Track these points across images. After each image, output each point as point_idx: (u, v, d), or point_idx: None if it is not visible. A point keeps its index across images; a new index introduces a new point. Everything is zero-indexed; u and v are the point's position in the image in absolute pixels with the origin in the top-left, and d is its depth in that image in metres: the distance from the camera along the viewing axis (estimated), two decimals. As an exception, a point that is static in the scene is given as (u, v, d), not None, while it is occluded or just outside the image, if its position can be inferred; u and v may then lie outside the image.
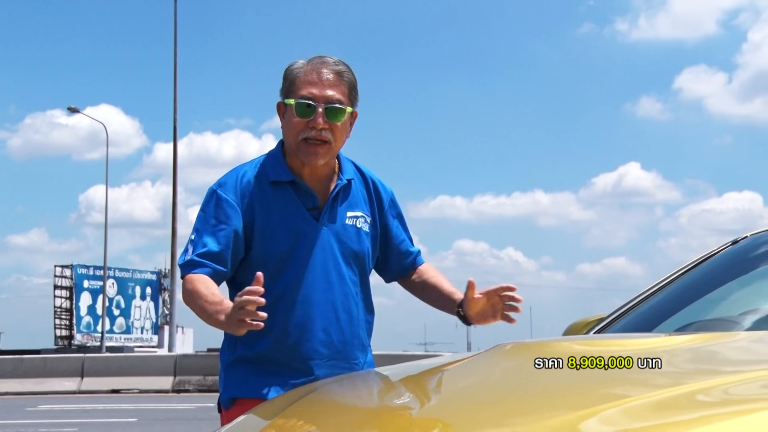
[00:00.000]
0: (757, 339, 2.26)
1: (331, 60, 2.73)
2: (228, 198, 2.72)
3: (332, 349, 2.74)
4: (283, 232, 2.72)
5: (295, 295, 2.72)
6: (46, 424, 12.52)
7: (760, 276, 2.93)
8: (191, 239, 2.74)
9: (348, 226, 2.79)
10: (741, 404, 1.53)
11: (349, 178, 2.83)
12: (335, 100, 2.67)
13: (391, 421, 1.94)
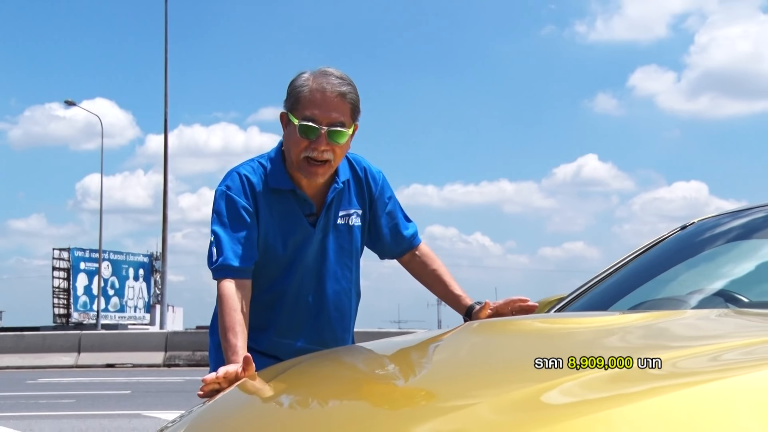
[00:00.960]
0: (702, 317, 2.27)
1: (335, 79, 2.59)
2: (240, 200, 2.61)
3: (324, 343, 2.74)
4: (282, 238, 2.67)
5: (290, 298, 2.70)
6: (45, 396, 12.45)
7: (705, 259, 2.95)
8: (214, 242, 2.60)
9: (341, 225, 2.74)
10: (689, 376, 1.54)
11: (344, 181, 2.74)
12: (338, 123, 2.56)
13: (369, 391, 1.94)
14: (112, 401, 11.51)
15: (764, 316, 2.29)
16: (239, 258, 2.57)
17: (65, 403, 11.38)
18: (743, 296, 2.59)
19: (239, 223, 2.60)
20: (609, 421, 1.40)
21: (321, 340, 2.74)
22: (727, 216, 3.04)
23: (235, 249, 2.57)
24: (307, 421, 1.76)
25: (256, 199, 2.64)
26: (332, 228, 2.73)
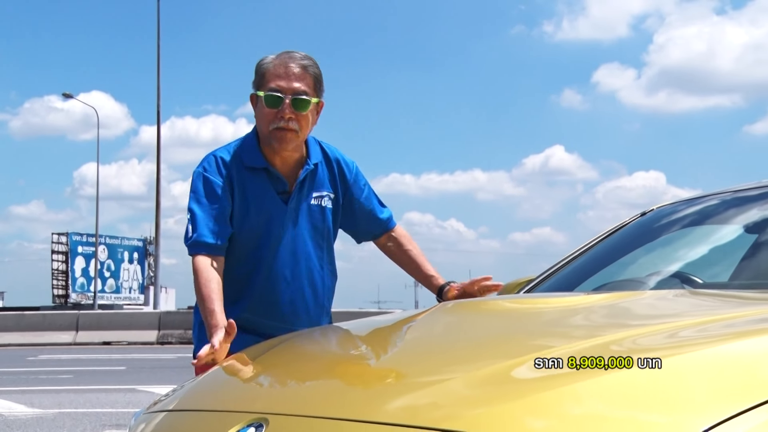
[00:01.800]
0: (660, 297, 2.28)
1: (297, 55, 2.66)
2: (215, 180, 2.65)
3: (297, 318, 2.72)
4: (256, 214, 2.68)
5: (265, 271, 2.69)
6: (45, 371, 12.40)
7: (663, 243, 2.96)
8: (191, 219, 2.64)
9: (314, 206, 2.75)
10: (647, 353, 1.55)
11: (315, 163, 2.76)
12: (301, 92, 2.60)
13: (349, 368, 1.94)
14: (108, 377, 11.47)
15: (716, 296, 2.30)
16: (213, 235, 2.61)
17: (64, 378, 11.34)
18: (698, 278, 2.60)
19: (214, 201, 2.63)
20: (575, 394, 1.41)
21: (293, 312, 2.72)
22: (683, 203, 3.06)
23: (210, 226, 2.61)
24: (289, 396, 1.75)
25: (231, 178, 2.67)
26: (305, 207, 2.73)
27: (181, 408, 1.86)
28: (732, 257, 2.72)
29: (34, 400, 8.72)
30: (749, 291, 2.37)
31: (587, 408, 1.37)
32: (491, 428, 1.34)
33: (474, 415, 1.39)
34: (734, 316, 1.79)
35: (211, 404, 1.83)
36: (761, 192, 2.85)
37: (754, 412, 1.29)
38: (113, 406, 8.27)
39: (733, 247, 2.78)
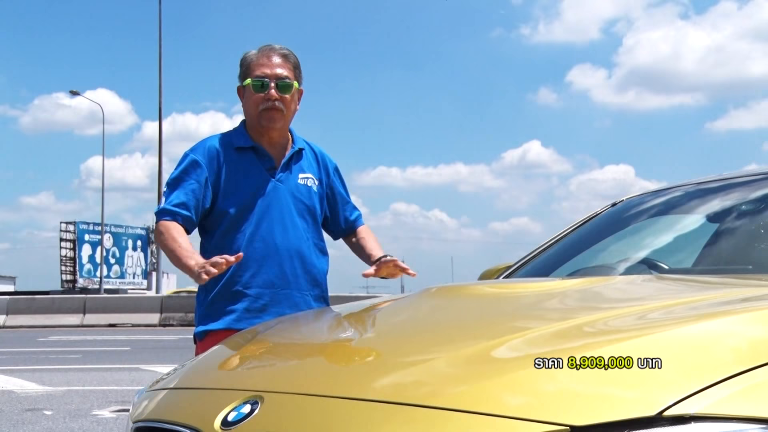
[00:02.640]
0: (629, 281, 2.29)
1: (277, 46, 2.78)
2: (196, 158, 2.73)
3: (285, 281, 2.74)
4: (246, 187, 2.73)
5: (255, 238, 2.71)
6: (54, 351, 12.37)
7: (632, 232, 2.96)
8: (165, 192, 2.75)
9: (300, 185, 2.80)
10: (618, 333, 1.55)
11: (301, 148, 2.84)
12: (284, 77, 2.73)
13: (339, 347, 1.94)
14: (113, 356, 11.45)
15: (681, 281, 2.31)
16: (179, 206, 2.67)
17: (72, 358, 11.32)
18: (664, 264, 2.61)
19: (188, 180, 2.70)
20: (550, 372, 1.41)
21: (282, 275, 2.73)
22: (650, 195, 3.06)
23: (178, 199, 2.68)
24: (282, 375, 1.75)
25: (218, 160, 2.73)
26: (292, 183, 2.78)
27: (182, 386, 1.85)
28: (695, 245, 2.73)
29: (44, 378, 8.70)
30: (711, 276, 2.38)
31: (562, 384, 1.37)
32: (472, 405, 1.34)
33: (456, 392, 1.38)
34: (698, 300, 1.79)
35: (210, 383, 1.82)
36: (722, 184, 2.86)
37: (717, 387, 1.30)
38: (118, 384, 8.25)
39: (696, 236, 2.79)
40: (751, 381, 1.32)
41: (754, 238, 2.55)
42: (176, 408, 1.72)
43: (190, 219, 2.70)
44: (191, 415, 1.60)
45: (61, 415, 6.32)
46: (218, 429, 1.49)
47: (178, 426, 1.60)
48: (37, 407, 6.78)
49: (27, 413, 6.46)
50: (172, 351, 11.96)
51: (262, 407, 1.49)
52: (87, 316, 19.33)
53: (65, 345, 13.71)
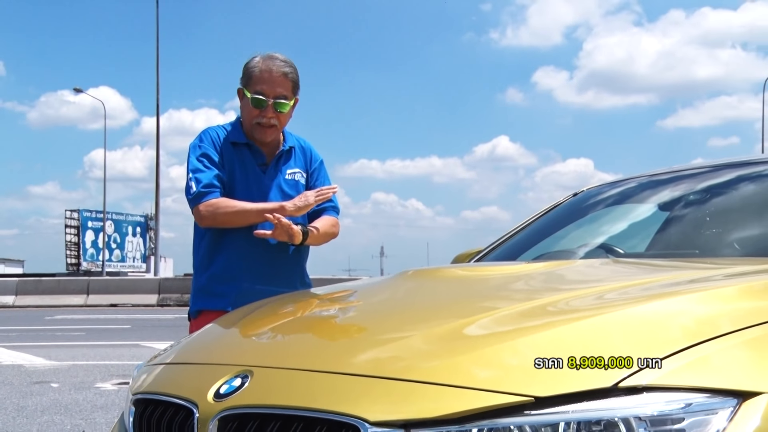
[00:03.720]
0: (588, 265, 2.29)
1: (280, 61, 2.68)
2: (210, 150, 2.70)
3: (274, 270, 2.72)
4: (239, 180, 2.71)
5: (247, 228, 2.68)
6: (60, 329, 12.28)
7: (591, 219, 2.97)
8: (192, 178, 2.67)
9: (288, 179, 2.78)
10: (578, 312, 1.55)
11: (291, 146, 2.82)
12: (281, 96, 2.67)
13: (322, 325, 1.93)
14: (115, 334, 11.38)
15: (635, 264, 2.32)
16: (213, 187, 2.65)
17: (77, 335, 11.24)
18: (619, 248, 2.62)
19: (209, 166, 2.68)
20: (515, 348, 1.41)
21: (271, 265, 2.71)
22: (607, 186, 3.08)
23: (212, 183, 2.65)
24: (271, 351, 1.74)
25: (221, 150, 2.72)
26: (281, 178, 2.76)
27: (178, 361, 1.84)
28: (648, 231, 2.74)
29: (51, 354, 8.64)
30: (662, 260, 2.39)
31: (525, 359, 1.37)
32: (445, 378, 1.34)
33: (430, 366, 1.38)
34: (650, 281, 1.80)
35: (203, 358, 1.81)
36: (671, 176, 2.88)
37: (668, 360, 1.30)
38: (119, 359, 8.21)
39: (648, 223, 2.80)
40: (696, 355, 1.33)
41: (700, 225, 2.57)
42: (172, 381, 1.71)
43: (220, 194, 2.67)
44: (186, 388, 1.59)
45: (66, 388, 6.28)
46: (211, 401, 1.48)
47: (174, 398, 1.58)
48: (45, 380, 6.73)
49: (35, 385, 6.42)
50: (168, 329, 11.90)
51: (252, 380, 1.48)
52: (90, 297, 19.20)
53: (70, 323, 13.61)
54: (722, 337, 1.37)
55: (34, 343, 9.89)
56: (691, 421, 1.24)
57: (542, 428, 1.25)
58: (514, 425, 1.26)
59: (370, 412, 1.31)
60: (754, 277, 1.75)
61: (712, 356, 1.33)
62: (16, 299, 19.32)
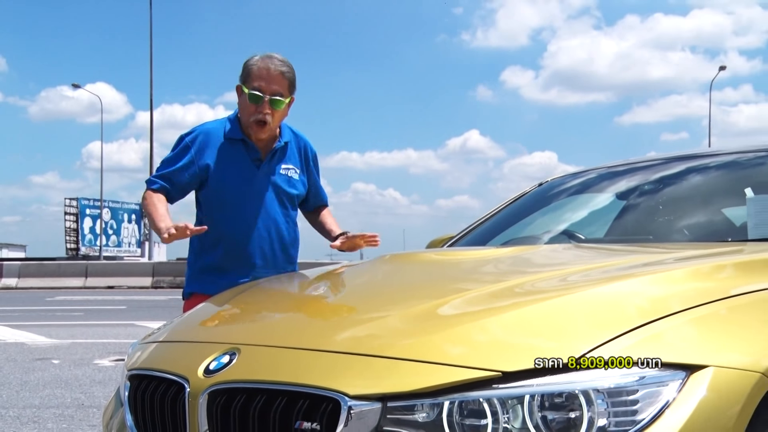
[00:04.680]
0: (552, 249, 2.30)
1: (278, 61, 2.63)
2: (187, 142, 2.67)
3: (265, 260, 2.69)
4: (233, 174, 2.65)
5: (240, 221, 2.65)
6: (60, 309, 12.16)
7: (554, 208, 2.98)
8: (159, 167, 2.71)
9: (282, 175, 2.72)
10: (543, 293, 1.56)
11: (286, 141, 2.74)
12: (278, 93, 2.60)
13: (306, 305, 1.92)
14: (111, 314, 11.29)
15: (595, 249, 2.33)
16: (163, 179, 2.64)
17: (76, 315, 11.14)
18: (581, 234, 2.63)
19: (177, 160, 2.65)
20: (485, 327, 1.41)
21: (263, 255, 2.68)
22: (569, 176, 3.09)
23: (164, 173, 2.64)
24: (257, 330, 1.73)
25: (210, 145, 2.66)
26: (275, 174, 2.71)
27: (170, 339, 1.83)
28: (606, 218, 2.75)
29: (52, 332, 8.56)
30: (619, 245, 2.40)
31: (494, 336, 1.38)
32: (419, 354, 1.34)
33: (406, 344, 1.38)
34: (608, 264, 1.81)
35: (194, 336, 1.80)
36: (628, 168, 2.89)
37: (624, 337, 1.32)
38: (116, 338, 8.15)
39: (607, 211, 2.81)
40: (650, 332, 1.34)
41: (653, 213, 2.59)
42: (165, 358, 1.70)
43: (166, 189, 2.65)
44: (178, 364, 1.58)
45: (66, 364, 6.23)
46: (201, 376, 1.47)
47: (166, 374, 1.57)
48: (46, 357, 6.67)
49: (37, 362, 6.36)
50: (162, 309, 11.82)
51: (239, 357, 1.47)
52: (88, 279, 19.02)
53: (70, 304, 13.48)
54: (673, 316, 1.39)
55: (36, 323, 9.78)
56: (644, 392, 1.26)
57: (509, 400, 1.26)
58: (483, 398, 1.26)
59: (350, 387, 1.31)
60: (701, 261, 1.77)
61: (664, 333, 1.35)
62: (19, 281, 19.12)
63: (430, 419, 1.27)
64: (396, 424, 1.28)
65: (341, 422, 1.29)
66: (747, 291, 1.53)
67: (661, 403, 1.25)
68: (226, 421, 1.41)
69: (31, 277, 19.08)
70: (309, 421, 1.32)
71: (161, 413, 1.55)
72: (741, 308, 1.47)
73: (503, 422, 1.25)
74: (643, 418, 1.24)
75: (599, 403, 1.24)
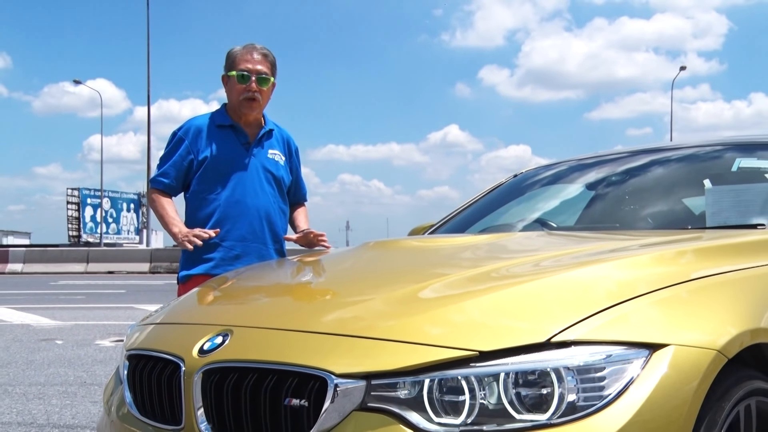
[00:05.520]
0: (526, 237, 2.30)
1: (258, 46, 2.72)
2: (181, 136, 2.69)
3: (254, 236, 2.69)
4: (224, 157, 2.67)
5: (231, 199, 2.66)
6: (64, 293, 12.06)
7: (528, 197, 2.98)
8: (158, 165, 2.75)
9: (269, 158, 2.74)
10: (517, 277, 1.56)
11: (270, 128, 2.78)
12: (263, 72, 2.67)
13: (294, 288, 1.92)
14: (112, 297, 11.22)
15: (566, 236, 2.33)
16: (166, 177, 2.69)
17: (78, 298, 11.06)
18: (552, 222, 2.64)
19: (174, 155, 2.69)
20: (463, 309, 1.41)
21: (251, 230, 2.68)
22: (542, 168, 3.09)
23: (165, 171, 2.69)
24: (248, 312, 1.71)
25: (202, 134, 2.68)
26: (263, 157, 2.72)
27: (166, 321, 1.81)
28: (576, 207, 2.76)
29: (55, 315, 8.49)
30: (588, 232, 2.41)
31: (471, 318, 1.38)
32: (401, 335, 1.34)
33: (388, 325, 1.38)
34: (579, 251, 1.81)
35: (189, 318, 1.78)
36: (596, 160, 2.90)
37: (593, 318, 1.32)
38: (116, 320, 8.10)
39: (577, 200, 2.82)
40: (616, 313, 1.35)
41: (620, 202, 2.60)
42: (162, 339, 1.68)
43: (172, 185, 2.70)
44: (174, 344, 1.57)
45: (69, 344, 6.19)
46: (196, 356, 1.46)
47: (163, 354, 1.56)
48: (50, 338, 6.62)
49: (42, 342, 6.31)
50: (159, 293, 11.76)
51: (232, 338, 1.47)
52: (90, 265, 18.88)
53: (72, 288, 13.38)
54: (638, 298, 1.39)
55: (40, 306, 9.70)
56: (611, 369, 1.26)
57: (485, 378, 1.26)
58: (461, 376, 1.26)
59: (336, 366, 1.30)
60: (664, 247, 1.78)
61: (630, 314, 1.35)
62: (24, 266, 18.96)
63: (412, 396, 1.27)
64: (379, 401, 1.28)
65: (328, 399, 1.28)
66: (705, 275, 1.55)
67: (626, 380, 1.26)
68: (220, 398, 1.41)
69: (36, 263, 18.93)
70: (298, 398, 1.32)
71: (158, 391, 1.54)
72: (700, 291, 1.49)
73: (480, 398, 1.25)
74: (610, 393, 1.25)
75: (569, 379, 1.25)
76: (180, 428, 1.46)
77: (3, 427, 3.48)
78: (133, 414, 1.60)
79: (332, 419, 1.28)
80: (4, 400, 4.00)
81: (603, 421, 1.22)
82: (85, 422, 3.50)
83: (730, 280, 1.57)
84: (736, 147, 2.58)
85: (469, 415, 1.25)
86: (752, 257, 1.72)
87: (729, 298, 1.49)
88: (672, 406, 1.26)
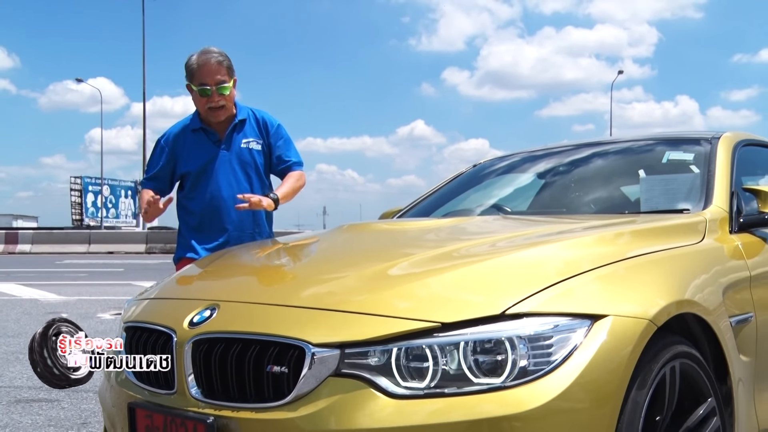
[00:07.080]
0: (483, 221, 2.31)
1: (213, 53, 2.56)
2: (162, 143, 2.68)
3: (234, 225, 2.64)
4: (199, 157, 2.62)
5: (210, 193, 2.62)
6: (68, 271, 11.88)
7: (486, 185, 2.98)
8: (146, 170, 2.75)
9: (243, 149, 2.65)
10: (476, 257, 1.56)
11: (241, 119, 2.67)
12: (221, 81, 2.55)
13: (274, 267, 1.89)
14: (112, 275, 11.06)
15: (519, 220, 2.34)
16: (150, 180, 2.68)
17: (81, 275, 10.90)
18: (507, 207, 2.65)
19: (156, 161, 2.68)
20: (427, 284, 1.41)
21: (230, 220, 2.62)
22: (498, 159, 3.09)
23: (149, 174, 2.68)
24: (234, 288, 1.69)
25: (179, 140, 2.65)
26: (235, 149, 2.65)
27: (159, 296, 1.78)
28: (528, 194, 2.77)
29: (60, 291, 8.36)
30: (539, 216, 2.42)
31: (434, 292, 1.38)
32: (371, 309, 1.33)
33: (360, 300, 1.37)
34: (530, 233, 1.82)
35: (180, 293, 1.76)
36: (546, 152, 2.91)
37: (543, 292, 1.33)
38: (115, 295, 7.99)
39: (529, 188, 2.83)
40: (563, 288, 1.35)
41: (567, 189, 2.61)
42: (155, 313, 1.65)
43: (158, 186, 2.67)
44: (166, 317, 1.54)
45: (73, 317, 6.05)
46: (186, 328, 1.44)
47: (156, 326, 1.54)
48: (56, 311, 6.52)
49: (48, 315, 6.19)
50: (154, 271, 11.62)
51: (219, 312, 1.45)
52: (92, 246, 18.61)
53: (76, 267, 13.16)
54: (582, 275, 1.40)
55: (46, 282, 9.54)
56: (558, 338, 1.27)
57: (447, 347, 1.26)
58: (425, 345, 1.26)
59: (313, 336, 1.29)
60: (605, 229, 1.79)
61: (574, 289, 1.36)
62: (32, 247, 18.65)
63: (381, 363, 1.27)
64: (352, 368, 1.27)
65: (306, 366, 1.27)
66: (640, 254, 1.57)
67: (570, 346, 1.27)
68: (208, 366, 1.39)
69: (43, 244, 18.62)
70: (278, 366, 1.30)
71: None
72: (635, 268, 1.50)
73: (442, 365, 1.25)
74: (557, 358, 1.26)
75: (521, 347, 1.25)
76: (173, 392, 1.44)
77: (15, 390, 3.52)
78: (131, 380, 1.58)
79: (309, 384, 1.27)
80: (16, 367, 3.99)
81: (551, 383, 1.23)
82: (88, 387, 3.46)
83: (660, 258, 1.59)
84: (666, 142, 2.62)
85: (433, 380, 1.25)
86: (679, 238, 1.75)
87: (659, 273, 1.51)
88: (610, 369, 1.27)
